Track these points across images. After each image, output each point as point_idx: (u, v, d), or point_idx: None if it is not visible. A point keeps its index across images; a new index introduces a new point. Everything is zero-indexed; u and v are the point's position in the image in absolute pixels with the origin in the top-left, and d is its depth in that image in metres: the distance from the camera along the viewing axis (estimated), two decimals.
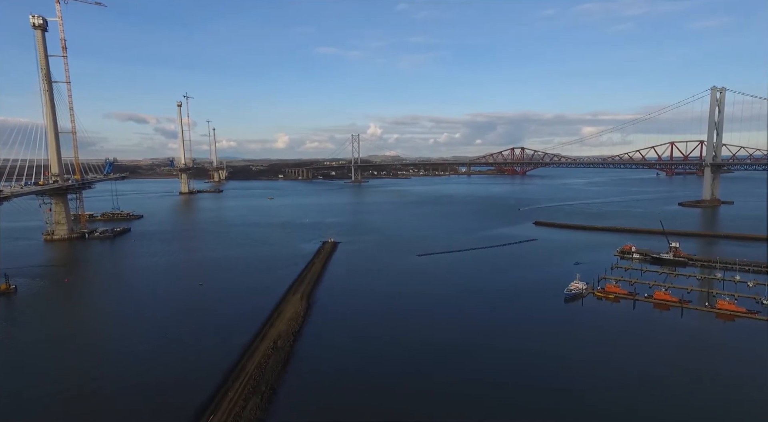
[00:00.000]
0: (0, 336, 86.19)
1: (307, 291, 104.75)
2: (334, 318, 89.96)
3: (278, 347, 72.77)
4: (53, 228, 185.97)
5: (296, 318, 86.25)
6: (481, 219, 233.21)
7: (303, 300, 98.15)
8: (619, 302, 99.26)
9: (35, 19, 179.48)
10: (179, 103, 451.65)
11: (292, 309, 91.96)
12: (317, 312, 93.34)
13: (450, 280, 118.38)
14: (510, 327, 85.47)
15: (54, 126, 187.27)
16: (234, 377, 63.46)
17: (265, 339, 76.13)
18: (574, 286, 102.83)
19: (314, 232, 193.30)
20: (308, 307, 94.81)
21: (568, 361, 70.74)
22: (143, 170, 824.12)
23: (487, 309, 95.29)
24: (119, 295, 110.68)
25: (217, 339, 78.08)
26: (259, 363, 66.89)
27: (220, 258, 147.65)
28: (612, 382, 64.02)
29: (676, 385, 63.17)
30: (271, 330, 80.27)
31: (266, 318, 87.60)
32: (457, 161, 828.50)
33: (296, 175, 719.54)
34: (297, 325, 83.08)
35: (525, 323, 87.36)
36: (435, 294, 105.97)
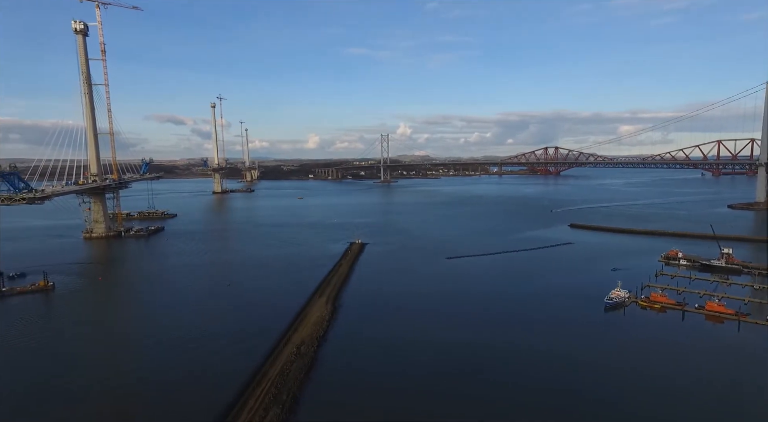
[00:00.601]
0: (37, 330, 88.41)
1: (333, 294, 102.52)
2: (360, 324, 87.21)
3: (302, 353, 70.56)
4: (92, 226, 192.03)
5: (321, 323, 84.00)
6: (513, 221, 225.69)
7: (328, 303, 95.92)
8: (666, 312, 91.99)
9: (77, 24, 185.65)
10: (213, 104, 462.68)
11: (318, 312, 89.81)
12: (343, 316, 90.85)
13: (482, 285, 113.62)
14: (549, 336, 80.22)
15: (93, 127, 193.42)
16: (255, 383, 61.61)
17: (288, 344, 74.15)
18: (616, 294, 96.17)
19: (342, 233, 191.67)
20: (333, 311, 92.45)
21: (612, 372, 65.77)
22: (179, 170, 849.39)
23: (523, 317, 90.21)
24: (148, 294, 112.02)
25: (240, 343, 76.76)
26: (282, 369, 64.82)
27: (249, 259, 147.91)
28: (661, 398, 58.30)
29: (733, 406, 56.85)
30: (295, 335, 78.24)
31: (291, 321, 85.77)
32: (488, 161, 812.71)
33: (326, 175, 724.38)
34: (321, 330, 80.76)
35: (563, 332, 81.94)
36: (466, 300, 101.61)
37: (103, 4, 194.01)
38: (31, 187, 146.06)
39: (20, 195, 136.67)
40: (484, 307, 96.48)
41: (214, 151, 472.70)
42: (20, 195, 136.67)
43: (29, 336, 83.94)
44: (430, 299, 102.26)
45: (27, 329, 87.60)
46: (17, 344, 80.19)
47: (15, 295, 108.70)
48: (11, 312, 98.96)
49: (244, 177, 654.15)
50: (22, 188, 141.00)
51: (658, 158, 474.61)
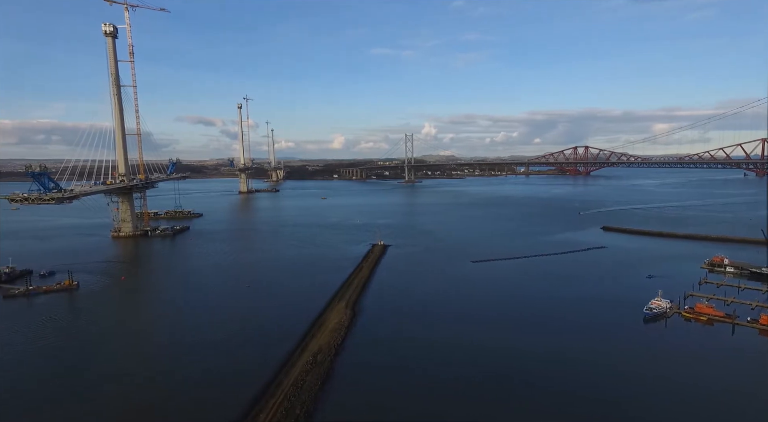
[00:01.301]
0: (62, 326, 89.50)
1: (352, 299, 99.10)
2: (380, 331, 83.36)
3: (318, 362, 67.29)
4: (120, 225, 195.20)
5: (339, 329, 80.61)
6: (542, 223, 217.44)
7: (348, 308, 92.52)
8: (714, 325, 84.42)
9: (107, 27, 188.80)
10: (239, 105, 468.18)
11: (336, 318, 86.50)
12: (362, 322, 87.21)
13: (509, 290, 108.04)
14: (584, 345, 75.01)
15: (121, 128, 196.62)
16: (269, 395, 58.62)
17: (304, 352, 71.02)
18: (656, 304, 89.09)
19: (364, 234, 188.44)
20: (353, 317, 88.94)
21: (657, 385, 59.61)
22: (208, 170, 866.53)
23: (554, 326, 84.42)
24: (168, 295, 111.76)
25: (256, 349, 74.14)
26: (296, 380, 61.64)
27: (270, 260, 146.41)
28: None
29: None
30: (312, 342, 75.10)
31: (308, 327, 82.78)
32: (515, 161, 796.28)
33: (350, 175, 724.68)
34: (339, 337, 77.34)
35: (600, 342, 76.36)
36: (493, 306, 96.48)
37: (131, 6, 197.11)
38: (60, 187, 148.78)
39: (49, 195, 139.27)
40: (512, 314, 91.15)
41: (240, 151, 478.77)
42: (49, 195, 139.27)
43: (48, 334, 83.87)
44: (455, 305, 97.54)
45: (47, 327, 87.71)
46: (36, 342, 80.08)
47: (41, 294, 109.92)
48: (37, 311, 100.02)
49: (269, 177, 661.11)
50: (51, 188, 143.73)
51: (696, 157, 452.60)
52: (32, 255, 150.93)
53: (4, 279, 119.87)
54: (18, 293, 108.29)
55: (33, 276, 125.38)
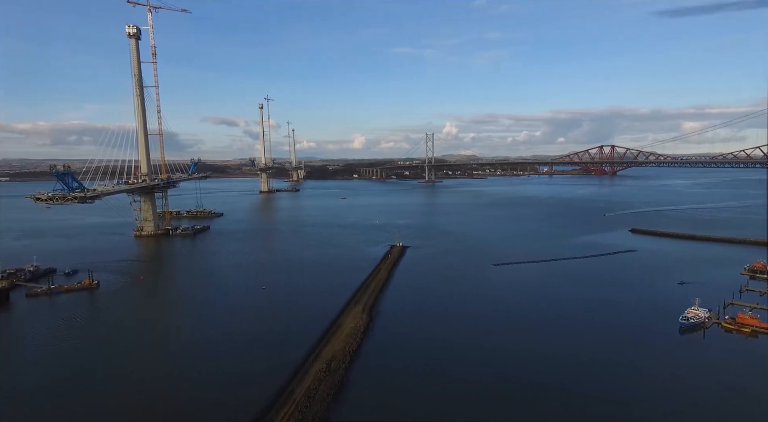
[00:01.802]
0: (79, 325, 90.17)
1: (369, 302, 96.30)
2: (397, 337, 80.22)
3: (331, 370, 64.66)
4: (142, 224, 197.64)
5: (355, 334, 77.89)
6: (566, 225, 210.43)
7: (364, 312, 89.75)
8: (758, 338, 78.20)
9: (131, 28, 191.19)
10: (260, 105, 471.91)
11: (352, 322, 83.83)
12: (379, 327, 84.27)
13: (533, 296, 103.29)
14: (615, 358, 70.05)
15: (144, 128, 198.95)
16: (279, 405, 56.26)
17: (318, 359, 68.50)
18: (693, 313, 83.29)
19: (383, 235, 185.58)
20: (369, 321, 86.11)
21: (696, 401, 54.82)
22: (231, 170, 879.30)
23: (583, 333, 79.70)
24: (184, 295, 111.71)
25: (268, 355, 71.91)
26: (309, 389, 59.14)
27: (287, 260, 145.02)
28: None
29: None
30: (326, 348, 72.55)
31: (323, 332, 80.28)
32: (538, 160, 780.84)
33: (370, 175, 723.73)
34: (355, 343, 74.60)
35: (631, 353, 71.41)
36: (516, 312, 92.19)
37: (154, 8, 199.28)
38: (83, 187, 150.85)
39: (72, 194, 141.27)
40: (537, 321, 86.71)
41: (261, 151, 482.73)
42: (72, 194, 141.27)
43: (63, 333, 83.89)
44: (475, 311, 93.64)
45: (64, 326, 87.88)
46: (53, 342, 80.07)
47: (63, 293, 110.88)
48: (57, 310, 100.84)
49: (290, 176, 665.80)
50: (75, 188, 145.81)
51: (731, 156, 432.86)
52: (57, 254, 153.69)
53: (28, 277, 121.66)
54: (40, 292, 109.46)
55: (57, 275, 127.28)
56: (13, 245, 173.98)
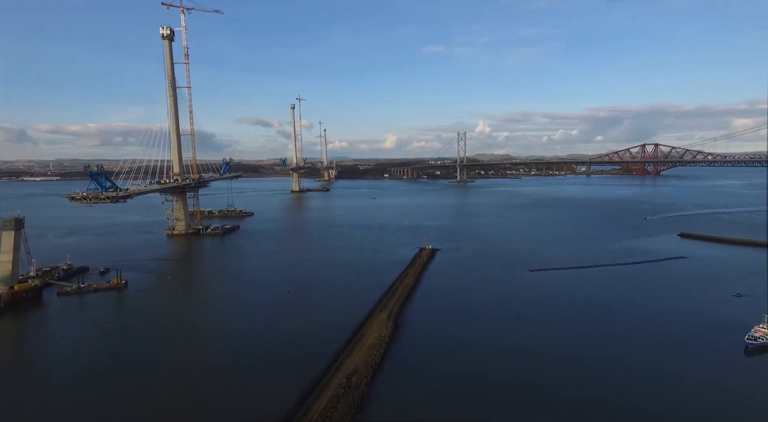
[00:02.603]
0: (106, 325, 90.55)
1: (395, 310, 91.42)
2: (424, 348, 75.01)
3: (352, 385, 60.22)
4: (174, 224, 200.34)
5: (379, 345, 73.21)
6: (607, 228, 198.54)
7: (390, 320, 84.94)
8: None
9: (164, 30, 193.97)
10: (292, 105, 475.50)
11: (376, 332, 79.19)
12: (405, 338, 79.24)
13: (573, 306, 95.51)
14: (667, 375, 62.55)
15: (176, 128, 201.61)
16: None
17: (338, 372, 64.24)
18: (762, 332, 73.88)
19: (411, 236, 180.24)
20: (395, 330, 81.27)
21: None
22: (264, 169, 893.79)
23: (634, 348, 72.11)
24: (208, 298, 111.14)
25: (286, 366, 67.96)
26: (326, 408, 54.88)
27: (313, 262, 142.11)
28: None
29: None
30: (347, 360, 68.25)
31: (345, 342, 76.05)
32: (574, 160, 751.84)
33: (401, 175, 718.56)
34: (378, 355, 69.94)
35: (688, 373, 63.63)
36: (555, 325, 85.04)
37: (187, 9, 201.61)
38: (116, 186, 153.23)
39: (105, 194, 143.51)
40: (577, 336, 79.36)
41: (292, 150, 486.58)
42: (105, 194, 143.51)
43: (93, 333, 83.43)
44: (511, 322, 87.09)
45: (93, 326, 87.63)
46: (77, 341, 79.58)
47: (92, 292, 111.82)
48: (85, 309, 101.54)
49: (322, 176, 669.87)
50: (108, 187, 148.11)
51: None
52: (92, 252, 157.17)
53: (61, 275, 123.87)
54: (70, 291, 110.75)
55: (91, 273, 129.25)
56: (55, 242, 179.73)
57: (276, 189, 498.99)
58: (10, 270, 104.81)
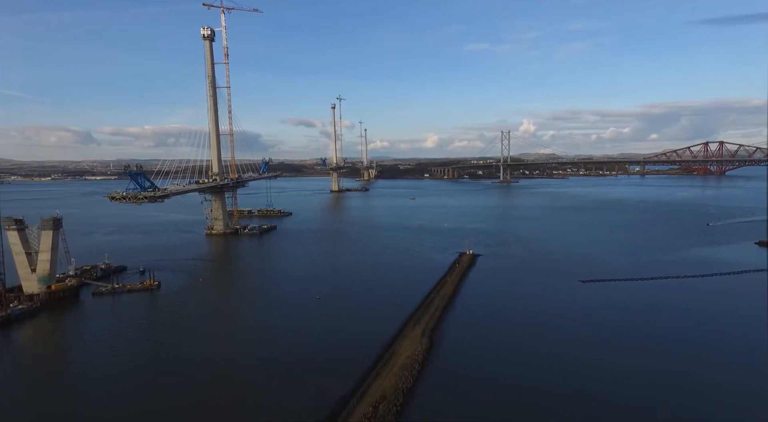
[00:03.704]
0: (145, 322, 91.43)
1: (431, 324, 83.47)
2: (461, 371, 66.73)
3: (379, 415, 53.11)
4: (212, 223, 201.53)
5: (411, 367, 65.71)
6: (668, 234, 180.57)
7: (424, 336, 77.17)
8: None
9: (205, 30, 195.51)
10: (332, 105, 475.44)
11: (409, 349, 71.69)
12: (440, 357, 71.18)
13: (635, 325, 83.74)
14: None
15: (216, 128, 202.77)
16: None
17: (364, 399, 57.26)
18: None
19: (451, 240, 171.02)
20: (429, 348, 73.37)
21: None
22: (306, 169, 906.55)
23: (708, 385, 60.62)
24: (236, 301, 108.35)
25: (305, 390, 61.23)
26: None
27: (347, 267, 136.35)
28: None
29: None
30: (375, 384, 61.17)
31: (373, 361, 68.89)
32: (626, 159, 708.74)
33: (442, 174, 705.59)
34: (410, 378, 62.46)
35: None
36: (613, 345, 74.49)
37: (227, 9, 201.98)
38: (155, 186, 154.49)
39: (143, 193, 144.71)
40: (640, 359, 68.36)
41: (332, 150, 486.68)
42: (143, 193, 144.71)
43: (124, 334, 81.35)
44: (562, 341, 77.00)
45: (123, 328, 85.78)
46: (105, 343, 77.52)
47: (125, 292, 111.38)
48: (118, 309, 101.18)
49: (361, 176, 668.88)
50: (147, 187, 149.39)
51: None
52: (133, 250, 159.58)
53: (99, 274, 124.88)
54: (105, 291, 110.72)
55: (129, 273, 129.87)
56: (100, 240, 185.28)
57: (316, 188, 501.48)
58: (48, 269, 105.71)
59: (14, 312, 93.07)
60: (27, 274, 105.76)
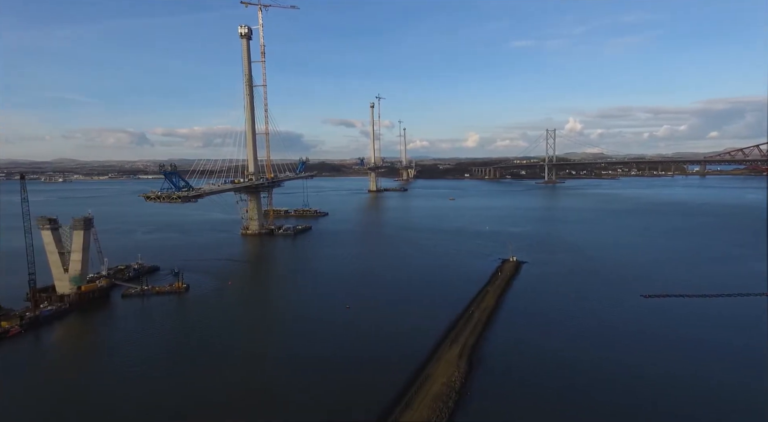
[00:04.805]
0: (167, 328, 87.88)
1: (470, 342, 74.33)
2: (506, 402, 57.42)
3: None
4: (248, 223, 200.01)
5: (446, 396, 57.16)
6: (745, 243, 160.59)
7: (462, 358, 68.25)
8: None
9: (242, 28, 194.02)
10: (372, 103, 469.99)
11: (444, 374, 63.04)
12: (480, 385, 62.01)
13: (710, 350, 71.06)
14: None
15: (252, 128, 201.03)
16: None
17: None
18: None
19: (492, 245, 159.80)
20: (468, 373, 64.35)
21: None
22: (346, 169, 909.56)
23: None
24: (262, 311, 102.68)
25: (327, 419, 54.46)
26: None
27: (380, 272, 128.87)
28: None
29: None
30: (403, 417, 53.04)
31: (402, 388, 60.57)
32: (682, 158, 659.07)
33: (483, 174, 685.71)
34: (445, 411, 54.01)
35: None
36: (682, 376, 62.72)
37: (264, 6, 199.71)
38: (190, 186, 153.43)
39: (176, 193, 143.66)
40: (718, 392, 56.43)
41: (370, 150, 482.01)
42: (176, 193, 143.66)
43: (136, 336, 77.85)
44: (622, 364, 66.16)
45: (147, 333, 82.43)
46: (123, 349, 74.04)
47: (154, 295, 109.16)
48: (146, 312, 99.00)
49: (400, 175, 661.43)
50: (182, 186, 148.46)
51: None
52: (169, 250, 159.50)
53: (132, 275, 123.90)
54: (133, 293, 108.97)
55: (162, 274, 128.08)
56: (140, 238, 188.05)
57: (354, 188, 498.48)
58: (80, 269, 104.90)
59: (43, 313, 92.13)
60: (60, 274, 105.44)
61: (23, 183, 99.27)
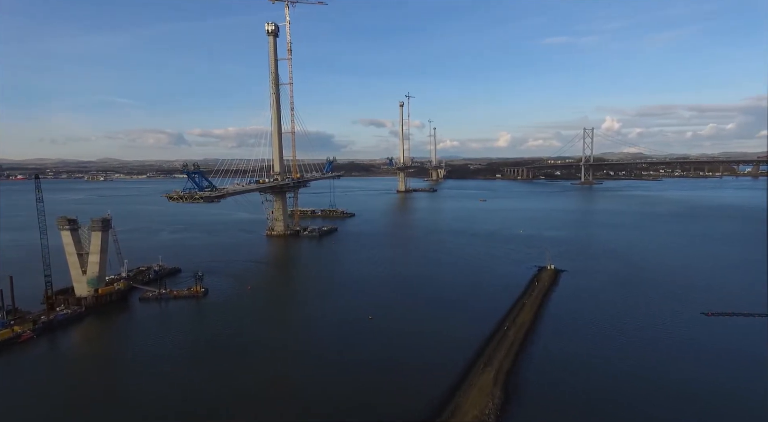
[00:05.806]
0: (187, 328, 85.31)
1: (506, 366, 65.71)
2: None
3: None
4: (273, 224, 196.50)
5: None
6: None
7: (497, 385, 59.84)
8: None
9: (269, 25, 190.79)
10: (401, 103, 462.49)
11: (477, 406, 54.88)
12: (518, 416, 53.55)
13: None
14: None
15: (278, 127, 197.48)
16: None
17: None
18: None
19: (527, 251, 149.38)
20: (504, 404, 55.99)
21: None
22: (375, 169, 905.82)
23: None
24: (280, 316, 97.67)
25: None
26: None
27: (407, 280, 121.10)
28: None
29: None
30: None
31: (429, 420, 52.91)
32: (730, 158, 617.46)
33: (515, 175, 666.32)
34: None
35: None
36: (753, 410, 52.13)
37: (291, 2, 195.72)
38: (213, 185, 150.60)
39: (198, 193, 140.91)
40: None
41: (399, 149, 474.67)
42: (198, 193, 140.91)
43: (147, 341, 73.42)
44: (682, 394, 56.02)
45: (162, 340, 78.06)
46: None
47: (171, 299, 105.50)
48: (163, 317, 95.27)
49: (429, 176, 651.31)
50: (205, 186, 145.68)
51: None
52: (193, 250, 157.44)
53: (152, 276, 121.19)
54: (151, 296, 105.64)
55: (184, 276, 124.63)
56: (166, 238, 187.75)
57: (382, 188, 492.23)
58: (97, 271, 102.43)
59: (58, 317, 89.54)
60: (79, 276, 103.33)
61: (38, 182, 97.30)
